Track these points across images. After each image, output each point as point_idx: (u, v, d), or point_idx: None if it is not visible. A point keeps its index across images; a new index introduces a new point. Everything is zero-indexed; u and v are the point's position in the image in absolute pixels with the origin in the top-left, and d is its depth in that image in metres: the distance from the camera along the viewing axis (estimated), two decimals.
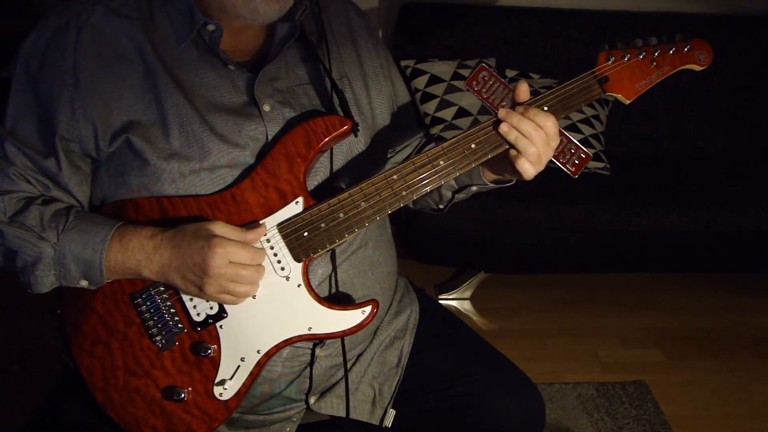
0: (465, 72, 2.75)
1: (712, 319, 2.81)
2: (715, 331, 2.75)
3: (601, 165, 2.72)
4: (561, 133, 1.17)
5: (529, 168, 1.13)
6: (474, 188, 1.31)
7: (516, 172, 1.16)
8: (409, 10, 2.95)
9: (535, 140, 1.12)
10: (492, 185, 1.28)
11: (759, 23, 3.06)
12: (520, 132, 1.12)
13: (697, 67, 1.22)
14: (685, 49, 1.20)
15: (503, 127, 1.13)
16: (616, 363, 2.54)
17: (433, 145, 1.16)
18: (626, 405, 2.30)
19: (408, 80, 2.77)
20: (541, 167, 1.15)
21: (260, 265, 1.11)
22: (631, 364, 2.53)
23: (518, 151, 1.13)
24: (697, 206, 2.51)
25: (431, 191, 1.17)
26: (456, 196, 1.35)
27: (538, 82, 2.84)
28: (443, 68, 2.77)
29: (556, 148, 1.16)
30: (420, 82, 2.76)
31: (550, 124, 1.12)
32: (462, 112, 2.70)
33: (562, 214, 2.46)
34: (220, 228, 1.08)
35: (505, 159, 1.17)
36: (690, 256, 2.70)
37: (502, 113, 1.14)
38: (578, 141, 1.18)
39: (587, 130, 2.76)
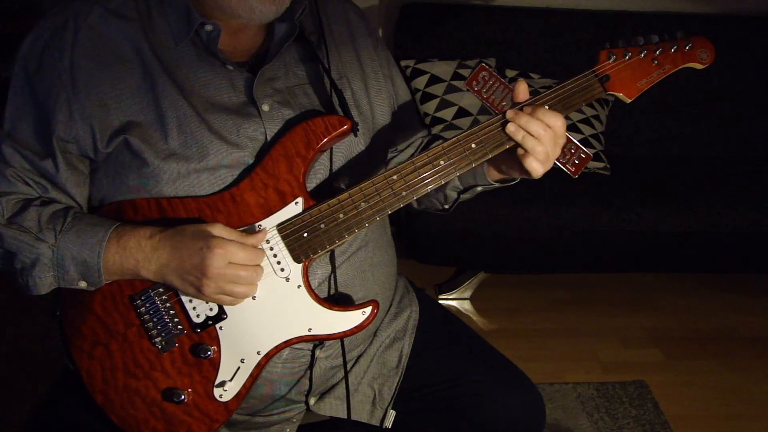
0: (465, 72, 2.75)
1: (712, 319, 2.81)
2: (715, 331, 2.75)
3: (601, 165, 2.72)
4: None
5: (537, 167, 1.13)
6: (479, 188, 1.31)
7: (524, 171, 1.15)
8: (409, 10, 2.95)
9: (543, 140, 1.11)
10: (497, 184, 1.28)
11: (759, 23, 3.06)
12: (528, 132, 1.11)
13: (698, 66, 1.21)
14: (687, 48, 1.19)
15: (510, 128, 1.12)
16: (616, 363, 2.53)
17: (435, 144, 1.16)
18: (626, 405, 2.30)
19: (408, 80, 2.77)
20: (550, 165, 1.15)
21: (259, 265, 1.11)
22: (631, 364, 2.53)
23: (526, 151, 1.13)
24: (697, 206, 2.51)
25: (436, 191, 1.16)
26: (461, 196, 1.34)
27: (538, 82, 2.84)
28: (443, 68, 2.77)
29: None
30: (420, 82, 2.76)
31: (559, 123, 1.11)
32: (462, 112, 2.70)
33: (562, 214, 2.46)
34: (219, 230, 1.07)
35: (512, 158, 1.16)
36: (690, 256, 2.70)
37: (510, 114, 1.13)
38: (578, 141, 1.18)
39: (587, 130, 2.76)
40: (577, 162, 1.18)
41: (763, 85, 3.04)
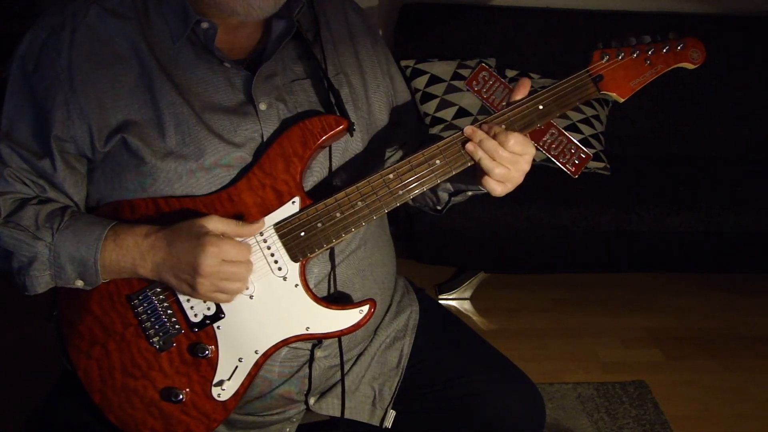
0: (465, 72, 2.75)
1: (712, 319, 2.81)
2: (715, 331, 2.75)
3: (601, 165, 2.72)
4: (561, 133, 1.17)
5: (495, 186, 1.13)
6: (470, 193, 1.30)
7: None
8: (409, 10, 2.95)
9: (500, 160, 1.10)
10: (485, 189, 1.27)
11: (759, 23, 3.06)
12: (483, 151, 1.11)
13: (690, 66, 1.22)
14: (679, 48, 1.20)
15: (469, 146, 1.12)
16: (616, 363, 2.53)
17: (431, 143, 1.16)
18: (626, 405, 2.30)
19: (408, 80, 2.77)
20: (513, 185, 1.14)
21: (249, 261, 1.11)
22: (631, 364, 2.53)
23: (483, 171, 1.12)
24: (697, 206, 2.51)
25: (428, 192, 1.16)
26: (453, 198, 1.34)
27: (538, 83, 2.83)
28: (443, 68, 2.77)
29: (556, 148, 1.16)
30: (420, 82, 2.76)
31: (511, 143, 1.09)
32: (462, 112, 2.70)
33: (562, 214, 2.46)
34: (213, 223, 1.07)
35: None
36: (690, 256, 2.70)
37: (467, 131, 1.13)
38: (578, 141, 1.18)
39: (587, 130, 2.76)
40: (577, 162, 1.19)
41: (763, 85, 3.03)
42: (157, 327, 1.13)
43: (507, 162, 1.11)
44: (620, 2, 3.07)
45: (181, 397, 1.13)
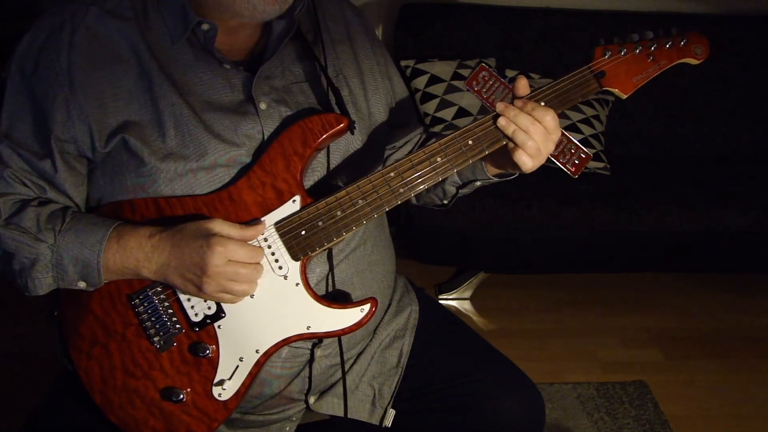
0: (465, 72, 2.75)
1: (712, 319, 2.81)
2: (715, 331, 2.75)
3: (601, 165, 2.72)
4: (561, 133, 1.17)
5: (527, 161, 1.13)
6: (478, 183, 1.31)
7: (515, 165, 1.16)
8: (409, 10, 2.95)
9: (533, 134, 1.11)
10: (495, 179, 1.28)
11: (759, 23, 3.06)
12: (517, 126, 1.12)
13: (693, 61, 1.21)
14: (682, 43, 1.19)
15: (501, 121, 1.13)
16: (616, 363, 2.53)
17: (432, 141, 1.16)
18: (626, 405, 2.30)
19: (408, 80, 2.77)
20: (541, 161, 1.15)
21: (258, 263, 1.11)
22: (631, 364, 2.53)
23: (516, 145, 1.13)
24: (697, 206, 2.51)
25: (435, 187, 1.16)
26: (460, 191, 1.35)
27: (537, 82, 2.83)
28: (443, 68, 2.77)
29: (556, 148, 1.16)
30: (420, 82, 2.76)
31: (548, 118, 1.12)
32: (462, 112, 2.70)
33: (562, 214, 2.46)
34: (219, 226, 1.07)
35: (504, 153, 1.16)
36: (690, 256, 2.70)
37: (500, 107, 1.14)
38: (578, 141, 1.18)
39: (587, 130, 2.76)
40: (577, 162, 1.18)
41: (763, 85, 3.03)
42: (157, 326, 1.13)
43: (539, 137, 1.12)
44: (620, 2, 3.07)
45: (182, 396, 1.13)
